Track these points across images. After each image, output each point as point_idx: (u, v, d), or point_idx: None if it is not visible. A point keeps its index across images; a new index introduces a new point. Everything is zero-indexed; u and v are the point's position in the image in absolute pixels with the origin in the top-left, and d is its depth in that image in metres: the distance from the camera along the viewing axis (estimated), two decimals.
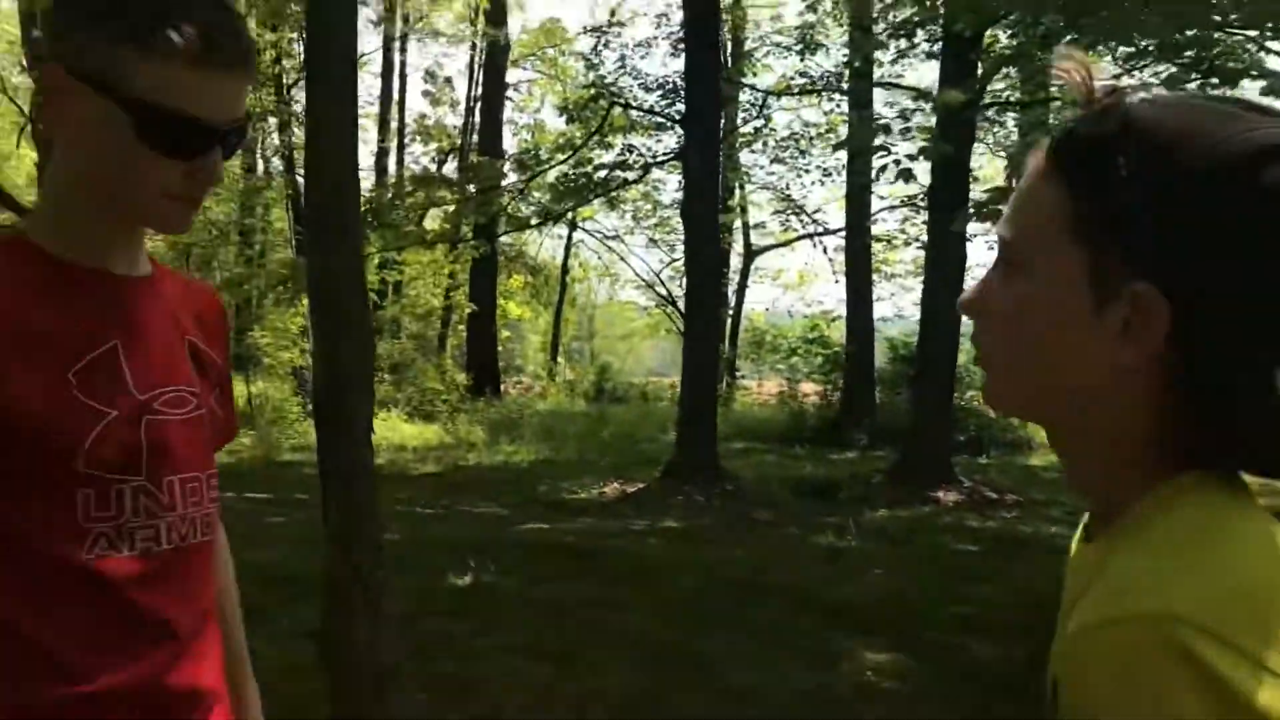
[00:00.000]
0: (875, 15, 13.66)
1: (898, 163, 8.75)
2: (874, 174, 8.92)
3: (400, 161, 25.39)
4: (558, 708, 4.50)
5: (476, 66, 24.89)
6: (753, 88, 17.06)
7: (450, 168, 25.92)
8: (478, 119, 23.62)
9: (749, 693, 4.71)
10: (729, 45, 17.50)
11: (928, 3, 8.49)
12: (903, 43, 9.33)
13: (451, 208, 14.17)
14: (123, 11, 1.18)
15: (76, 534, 1.21)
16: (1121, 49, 7.51)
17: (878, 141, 9.39)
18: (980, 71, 10.66)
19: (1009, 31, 11.27)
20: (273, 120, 21.86)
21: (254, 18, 14.54)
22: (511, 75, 25.15)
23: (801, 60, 16.00)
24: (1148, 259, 0.77)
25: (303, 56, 20.59)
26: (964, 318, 0.94)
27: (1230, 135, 0.76)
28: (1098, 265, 0.80)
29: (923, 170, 9.41)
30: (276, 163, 23.47)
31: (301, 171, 22.05)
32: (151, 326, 1.32)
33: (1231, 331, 0.77)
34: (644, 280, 27.10)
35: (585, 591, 6.34)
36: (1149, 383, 0.81)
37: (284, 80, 20.96)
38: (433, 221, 18.04)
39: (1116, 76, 0.85)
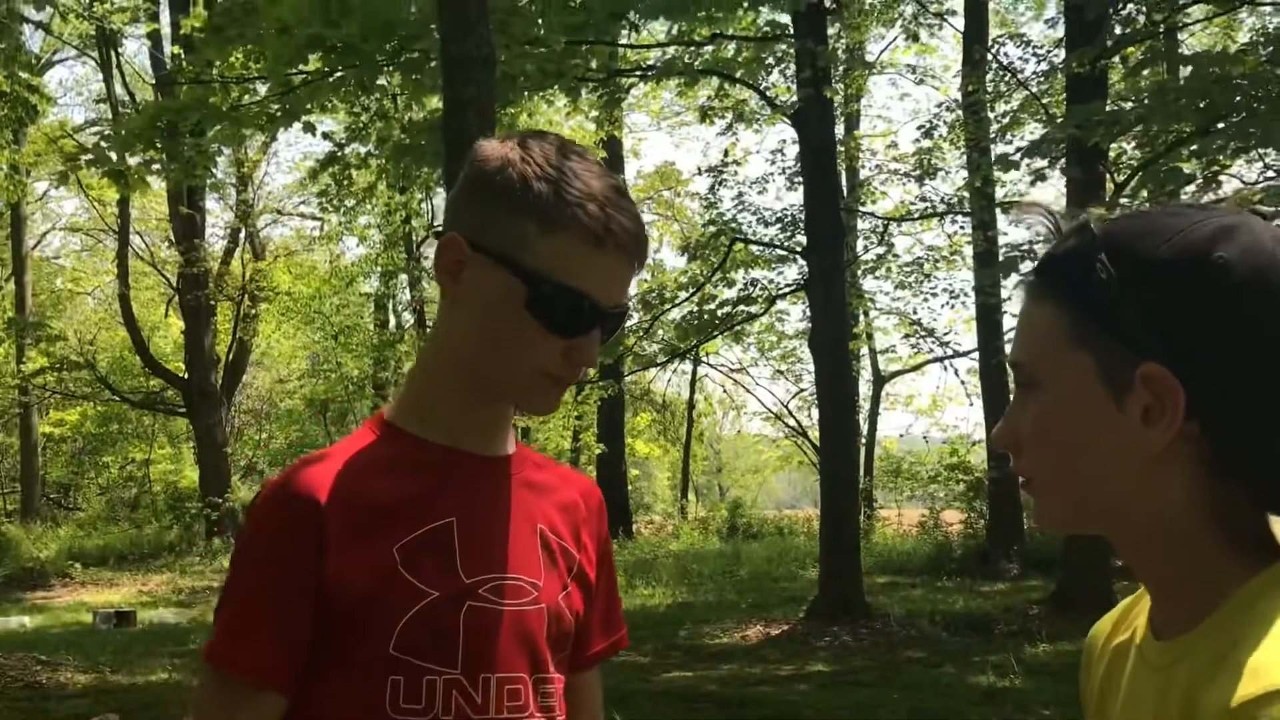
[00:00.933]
0: (993, 136, 13.58)
1: None
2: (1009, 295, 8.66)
3: None
4: None
5: None
6: (872, 215, 17.06)
7: None
8: None
9: None
10: (844, 174, 17.57)
11: (1058, 120, 8.36)
12: (1037, 161, 9.14)
13: None
14: (530, 188, 1.20)
15: (375, 704, 1.15)
16: (1266, 149, 7.25)
17: (1007, 260, 9.15)
18: (1112, 183, 10.41)
19: (1133, 143, 11.04)
20: (404, 277, 22.68)
21: (384, 181, 15.18)
22: None
23: (920, 185, 15.97)
24: (1145, 343, 0.86)
25: (432, 217, 21.45)
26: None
27: (1188, 225, 0.87)
28: (1103, 362, 0.88)
29: None
30: (408, 317, 24.26)
31: (433, 325, 22.65)
32: (497, 509, 1.26)
33: (1234, 388, 0.85)
34: (771, 412, 26.88)
35: None
36: (1183, 464, 0.87)
37: (414, 239, 21.80)
38: None
39: (1255, 183, 0.94)
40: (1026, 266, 9.61)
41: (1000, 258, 10.15)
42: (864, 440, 22.59)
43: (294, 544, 1.17)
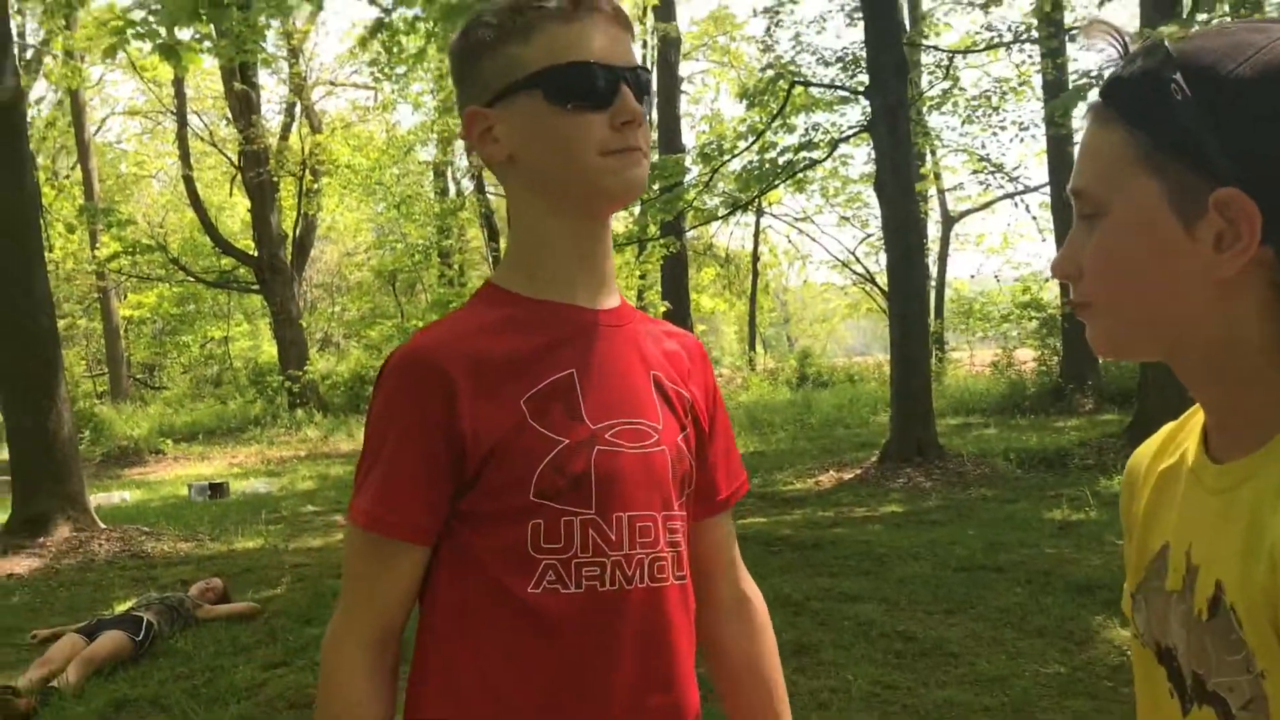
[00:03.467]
0: None
1: None
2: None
3: None
4: (800, 704, 4.36)
5: (649, 64, 25.00)
6: (936, 48, 16.43)
7: None
8: (655, 116, 23.70)
9: (999, 680, 4.46)
10: (906, 7, 16.92)
11: None
12: None
13: (637, 208, 14.21)
14: (493, 26, 1.25)
15: (527, 565, 1.22)
16: None
17: (1077, 88, 8.77)
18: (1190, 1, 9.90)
19: None
20: (460, 143, 22.55)
21: (434, 44, 14.93)
22: (684, 68, 25.16)
23: (985, 14, 15.33)
24: (1221, 168, 0.83)
25: None
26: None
27: (1268, 42, 0.83)
28: (1175, 188, 0.86)
29: None
30: (468, 184, 24.20)
31: (493, 190, 22.76)
32: (611, 357, 1.30)
33: None
34: (838, 260, 26.61)
35: (814, 584, 6.18)
36: (1253, 289, 0.86)
37: None
38: (620, 224, 18.16)
39: None
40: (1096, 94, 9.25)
41: (1071, 85, 9.75)
42: (934, 282, 22.33)
43: (427, 405, 1.21)
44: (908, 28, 15.28)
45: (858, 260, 24.98)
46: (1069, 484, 9.03)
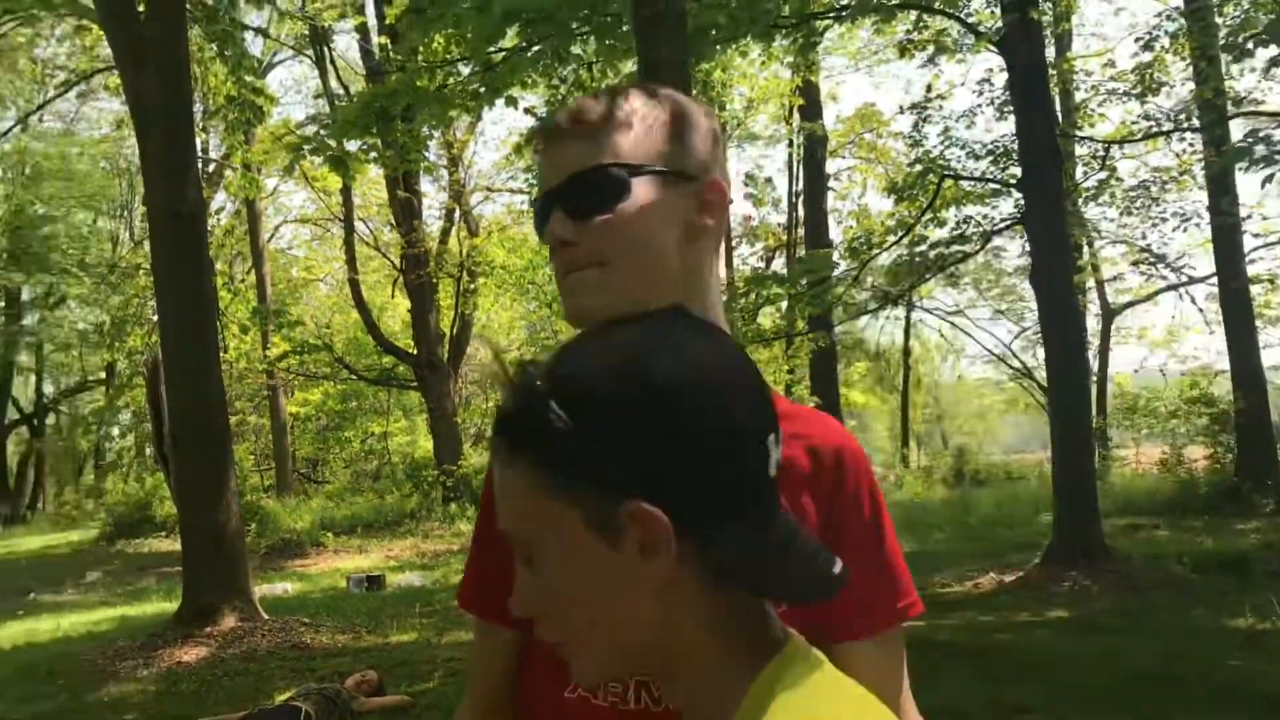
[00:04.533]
0: (1223, 40, 12.57)
1: None
2: (1261, 184, 7.98)
3: (730, 264, 25.92)
4: None
5: (796, 162, 25.17)
6: (1090, 139, 16.08)
7: (779, 263, 26.20)
8: (801, 213, 23.78)
9: None
10: (1058, 99, 16.65)
11: None
12: (1273, 49, 8.36)
13: (785, 303, 14.18)
14: None
15: (560, 670, 1.17)
16: None
17: (1261, 152, 8.35)
18: None
19: None
20: None
21: None
22: (831, 165, 25.18)
23: (1142, 103, 14.95)
24: (621, 482, 0.84)
25: None
26: None
27: (632, 352, 0.87)
28: (589, 511, 0.85)
29: None
30: None
31: None
32: None
33: (709, 496, 0.85)
34: (993, 354, 25.95)
35: (979, 693, 5.91)
36: (686, 587, 0.87)
37: None
38: (767, 319, 18.15)
39: None
40: (1260, 151, 8.82)
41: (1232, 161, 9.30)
42: (1095, 377, 21.55)
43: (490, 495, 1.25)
44: (1060, 119, 15.04)
45: (1014, 355, 24.33)
46: (1252, 590, 8.45)
